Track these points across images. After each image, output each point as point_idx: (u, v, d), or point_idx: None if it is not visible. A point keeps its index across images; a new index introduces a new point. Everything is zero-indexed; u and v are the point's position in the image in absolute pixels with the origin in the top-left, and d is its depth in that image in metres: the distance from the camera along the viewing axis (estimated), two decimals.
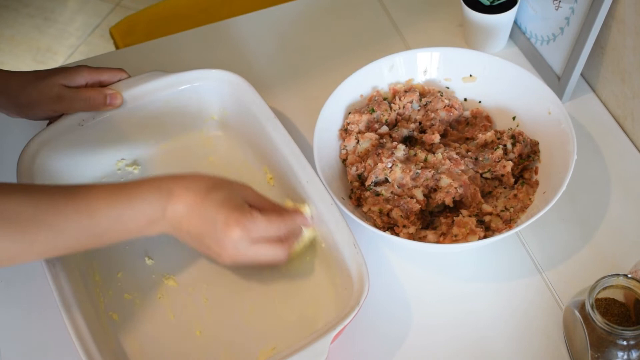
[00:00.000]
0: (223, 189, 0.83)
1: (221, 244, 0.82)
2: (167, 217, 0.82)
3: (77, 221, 0.78)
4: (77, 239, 0.79)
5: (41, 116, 0.98)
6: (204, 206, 0.81)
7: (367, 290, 0.81)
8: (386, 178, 0.93)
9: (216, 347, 0.87)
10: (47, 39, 2.38)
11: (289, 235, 0.87)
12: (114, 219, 0.80)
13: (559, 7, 1.04)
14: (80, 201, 0.79)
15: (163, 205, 0.81)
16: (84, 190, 0.80)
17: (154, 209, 0.81)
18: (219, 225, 0.81)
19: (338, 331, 0.79)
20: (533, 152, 0.96)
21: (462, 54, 1.02)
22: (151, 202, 0.81)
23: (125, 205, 0.80)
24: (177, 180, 0.83)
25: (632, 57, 0.97)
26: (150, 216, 0.81)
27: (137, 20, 1.56)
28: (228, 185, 0.84)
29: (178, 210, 0.81)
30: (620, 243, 0.93)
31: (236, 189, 0.85)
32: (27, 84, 0.96)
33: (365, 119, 0.98)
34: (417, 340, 0.87)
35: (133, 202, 0.80)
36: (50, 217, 0.77)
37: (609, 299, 0.80)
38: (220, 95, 1.01)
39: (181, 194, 0.82)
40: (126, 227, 0.81)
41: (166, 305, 0.90)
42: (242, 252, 0.83)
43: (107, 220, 0.80)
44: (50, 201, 0.78)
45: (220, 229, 0.81)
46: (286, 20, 1.21)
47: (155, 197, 0.81)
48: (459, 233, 0.88)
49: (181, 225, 0.82)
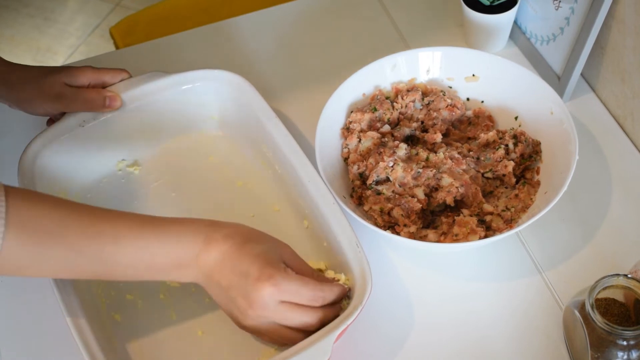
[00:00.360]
0: (261, 242, 0.79)
1: (250, 299, 0.76)
2: (200, 264, 0.77)
3: (99, 244, 0.74)
4: (95, 264, 0.75)
5: (40, 112, 0.98)
6: (239, 257, 0.76)
7: (370, 289, 0.81)
8: (387, 177, 0.93)
9: (218, 347, 0.87)
10: (47, 39, 2.37)
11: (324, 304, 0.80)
12: (139, 250, 0.75)
13: (559, 7, 1.04)
14: (107, 224, 0.75)
15: (197, 250, 0.77)
16: (114, 215, 0.76)
17: (186, 251, 0.77)
18: (250, 279, 0.76)
19: (341, 330, 0.79)
20: (535, 152, 0.96)
21: (465, 54, 1.02)
22: (185, 244, 0.77)
23: (156, 241, 0.76)
24: (216, 228, 0.78)
25: (632, 57, 0.98)
26: (181, 259, 0.77)
27: (137, 20, 1.56)
28: (267, 240, 0.80)
29: (212, 258, 0.77)
30: (620, 243, 0.93)
31: (275, 246, 0.80)
32: (29, 79, 0.96)
33: (367, 117, 0.98)
34: (418, 340, 0.87)
35: (164, 238, 0.76)
36: (72, 235, 0.73)
37: (609, 299, 0.80)
38: (221, 95, 1.01)
39: (219, 240, 0.77)
40: (151, 263, 0.76)
41: (168, 306, 0.90)
42: (270, 311, 0.77)
43: (133, 253, 0.75)
44: (77, 219, 0.74)
45: (251, 283, 0.76)
46: (286, 20, 1.21)
47: (190, 239, 0.77)
48: (460, 232, 0.89)
49: (212, 275, 0.77)
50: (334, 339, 0.78)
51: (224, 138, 1.04)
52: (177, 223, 0.78)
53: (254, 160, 1.01)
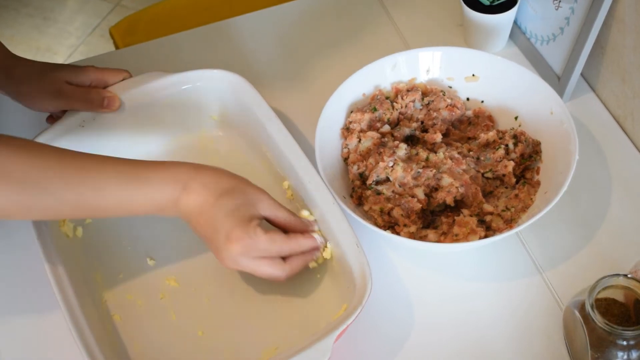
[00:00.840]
0: (236, 196, 0.82)
1: (221, 255, 0.82)
2: (179, 208, 0.82)
3: (81, 194, 0.78)
4: (78, 209, 0.80)
5: (39, 108, 0.98)
6: (212, 213, 0.81)
7: (370, 289, 0.81)
8: (387, 177, 0.93)
9: (218, 347, 0.87)
10: (47, 39, 2.37)
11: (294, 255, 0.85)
12: (121, 200, 0.80)
13: (559, 7, 1.04)
14: (88, 174, 0.79)
15: (176, 197, 0.81)
16: (98, 162, 0.80)
17: (165, 198, 0.81)
18: (221, 236, 0.81)
19: (341, 330, 0.79)
20: (535, 152, 0.96)
21: (465, 54, 1.02)
22: (164, 192, 0.81)
23: (136, 188, 0.80)
24: (195, 175, 0.82)
25: (632, 57, 0.98)
26: (161, 205, 0.81)
27: (137, 20, 1.56)
28: (243, 192, 0.83)
29: (189, 205, 0.81)
30: (620, 243, 0.93)
31: (250, 198, 0.83)
32: (31, 74, 0.97)
33: (367, 117, 0.98)
34: (418, 340, 0.87)
35: (145, 187, 0.80)
36: (55, 185, 0.77)
37: (609, 299, 0.80)
38: (221, 95, 1.01)
39: (196, 190, 0.81)
40: (132, 208, 0.81)
41: (168, 306, 0.90)
42: (242, 265, 0.82)
43: (114, 199, 0.80)
44: (59, 168, 0.78)
45: (222, 241, 0.81)
46: (286, 20, 1.21)
47: (170, 188, 0.81)
48: (460, 232, 0.89)
49: (190, 220, 0.83)
50: (334, 339, 0.78)
51: (224, 138, 1.04)
52: (159, 169, 0.82)
53: (254, 160, 1.01)
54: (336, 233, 0.86)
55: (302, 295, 0.89)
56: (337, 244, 0.86)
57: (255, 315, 0.89)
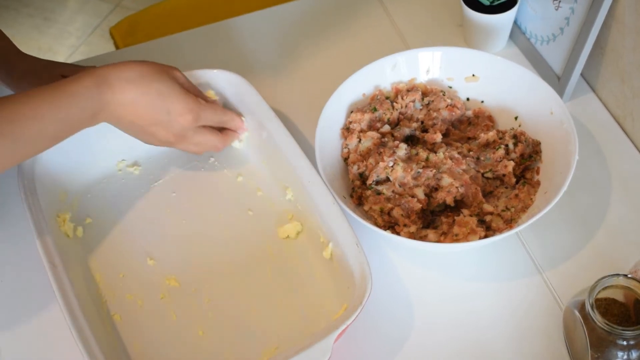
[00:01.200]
0: (162, 78, 0.87)
1: (171, 130, 0.88)
2: (110, 109, 0.85)
3: (28, 128, 0.80)
4: (32, 144, 0.82)
5: None
6: (151, 100, 0.86)
7: (370, 289, 0.81)
8: (387, 177, 0.93)
9: (219, 347, 0.87)
10: (47, 39, 2.38)
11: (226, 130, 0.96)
12: (61, 121, 0.82)
13: (559, 7, 1.04)
14: (25, 106, 0.80)
15: (101, 95, 0.83)
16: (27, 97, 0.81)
17: (94, 101, 0.83)
18: (172, 114, 0.87)
19: (341, 330, 0.79)
20: (535, 152, 0.96)
21: (465, 54, 1.02)
22: (91, 95, 0.83)
23: (68, 103, 0.82)
24: (109, 70, 0.85)
25: (632, 57, 0.98)
26: (92, 109, 0.84)
27: (137, 20, 1.56)
28: (164, 73, 0.88)
29: (121, 101, 0.85)
30: (620, 243, 0.93)
31: (171, 77, 0.88)
32: (32, 71, 0.97)
33: (367, 117, 0.98)
34: (418, 340, 0.87)
35: (75, 98, 0.82)
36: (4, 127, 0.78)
37: (609, 299, 0.80)
38: (221, 95, 1.01)
39: (121, 86, 0.84)
40: (73, 125, 0.83)
41: (168, 306, 0.90)
42: (189, 136, 0.90)
43: (56, 123, 0.82)
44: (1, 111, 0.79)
45: (174, 118, 0.88)
46: (287, 20, 1.21)
47: (92, 88, 0.83)
48: (460, 232, 0.89)
49: (124, 116, 0.86)
50: (334, 339, 0.78)
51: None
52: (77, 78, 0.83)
53: (254, 160, 1.01)
54: (336, 233, 0.86)
55: (302, 295, 0.89)
56: (337, 244, 0.86)
57: (255, 315, 0.89)
